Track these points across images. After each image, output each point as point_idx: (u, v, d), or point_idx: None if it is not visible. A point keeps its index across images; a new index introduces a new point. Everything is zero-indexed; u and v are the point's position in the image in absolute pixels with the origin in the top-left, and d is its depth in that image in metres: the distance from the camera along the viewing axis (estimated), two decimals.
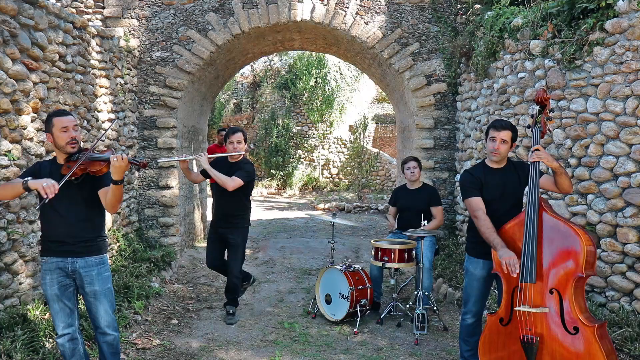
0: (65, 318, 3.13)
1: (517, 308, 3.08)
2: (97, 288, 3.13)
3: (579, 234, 2.97)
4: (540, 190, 3.31)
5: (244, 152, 4.84)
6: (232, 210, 4.88)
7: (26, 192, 3.00)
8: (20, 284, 4.07)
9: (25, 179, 2.94)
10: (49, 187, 2.80)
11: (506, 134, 3.37)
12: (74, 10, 6.84)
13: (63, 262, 3.09)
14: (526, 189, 3.48)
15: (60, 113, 3.12)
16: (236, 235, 4.89)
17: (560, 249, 3.03)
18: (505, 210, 3.37)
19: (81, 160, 2.99)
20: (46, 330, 3.82)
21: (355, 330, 4.67)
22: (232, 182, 4.60)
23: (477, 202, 3.39)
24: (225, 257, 5.08)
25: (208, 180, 4.97)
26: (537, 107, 3.34)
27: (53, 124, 3.06)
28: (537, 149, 3.16)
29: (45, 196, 2.80)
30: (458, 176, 6.91)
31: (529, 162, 3.26)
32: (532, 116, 3.36)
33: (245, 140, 4.86)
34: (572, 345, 2.93)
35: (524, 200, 3.59)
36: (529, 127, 3.41)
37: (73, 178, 3.02)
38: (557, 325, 2.98)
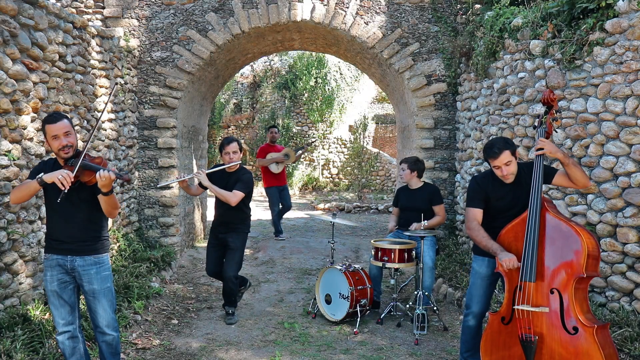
0: (65, 315, 3.16)
1: (516, 307, 3.09)
2: (96, 287, 3.15)
3: (580, 235, 2.97)
4: (549, 187, 3.31)
5: (240, 162, 4.89)
6: (232, 218, 4.92)
7: (43, 188, 3.03)
8: (20, 284, 4.07)
9: (39, 175, 2.96)
10: (64, 177, 2.85)
11: (506, 156, 3.28)
12: (74, 10, 6.85)
13: (63, 259, 3.13)
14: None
15: (51, 120, 3.06)
16: (236, 238, 4.90)
17: (561, 249, 3.03)
18: (513, 217, 3.34)
19: (76, 168, 2.99)
20: (46, 330, 3.82)
21: (355, 330, 4.67)
22: (235, 197, 4.68)
23: (474, 214, 3.41)
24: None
25: None
26: (544, 108, 3.33)
27: (45, 131, 3.08)
28: (541, 140, 3.15)
29: (62, 188, 2.84)
30: (458, 176, 6.92)
31: (533, 155, 3.24)
32: (538, 116, 3.35)
33: (241, 150, 4.91)
34: (572, 345, 2.93)
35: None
36: (534, 127, 3.39)
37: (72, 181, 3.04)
38: (556, 325, 2.99)
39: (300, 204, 13.72)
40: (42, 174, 2.97)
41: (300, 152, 9.30)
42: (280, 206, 8.68)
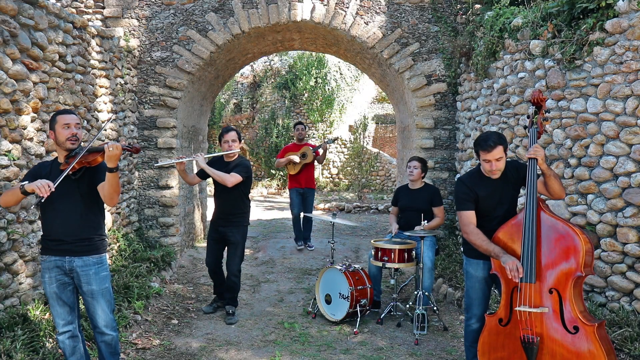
0: (65, 315, 3.17)
1: (517, 308, 3.08)
2: (95, 287, 3.15)
3: (577, 233, 2.98)
4: None
5: (239, 151, 4.93)
6: (231, 209, 4.94)
7: (26, 196, 3.05)
8: (20, 284, 4.07)
9: (22, 183, 3.00)
10: (42, 186, 2.86)
11: (498, 151, 3.26)
12: (74, 10, 6.84)
13: (61, 260, 3.12)
14: (522, 190, 3.47)
15: (64, 112, 3.22)
16: (236, 233, 4.94)
17: (559, 248, 3.03)
18: (501, 216, 3.35)
19: (80, 155, 3.03)
20: (46, 330, 3.82)
21: (355, 330, 4.67)
22: (232, 178, 4.69)
23: (468, 216, 3.36)
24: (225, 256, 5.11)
25: (209, 180, 5.02)
26: (533, 108, 3.34)
27: (56, 121, 3.15)
28: (535, 146, 3.15)
29: (40, 195, 2.83)
30: (458, 176, 6.91)
31: (525, 161, 3.25)
32: (528, 117, 3.36)
33: (240, 139, 4.95)
34: (573, 345, 2.93)
35: (522, 200, 3.58)
36: (525, 127, 3.39)
37: (71, 173, 3.05)
38: (557, 325, 2.98)
39: None
40: (27, 182, 3.00)
41: (318, 150, 7.73)
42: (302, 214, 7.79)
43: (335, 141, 6.48)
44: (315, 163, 7.91)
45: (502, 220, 3.31)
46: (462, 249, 3.78)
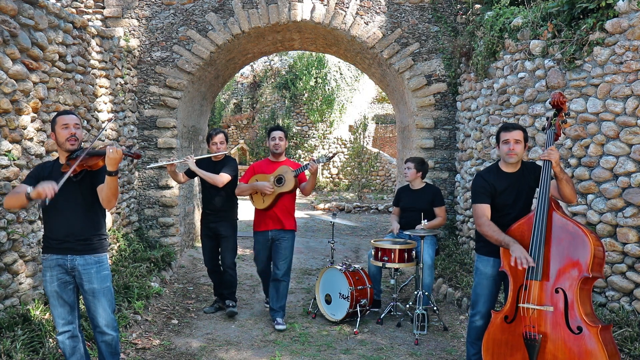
0: (65, 315, 3.17)
1: (521, 305, 3.10)
2: (96, 286, 3.15)
3: (587, 235, 2.99)
4: None
5: (226, 152, 5.08)
6: (220, 205, 5.05)
7: (30, 202, 3.02)
8: (20, 284, 4.07)
9: (27, 190, 2.96)
10: (47, 189, 2.84)
11: (518, 134, 3.36)
12: (74, 10, 6.85)
13: (63, 259, 3.13)
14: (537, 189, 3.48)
15: (64, 112, 3.23)
16: (227, 227, 5.07)
17: (568, 248, 3.04)
18: (516, 213, 3.38)
19: (81, 156, 3.02)
20: (46, 330, 3.82)
21: (355, 330, 4.67)
22: (222, 179, 4.85)
23: (483, 209, 3.39)
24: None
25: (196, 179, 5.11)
26: (553, 110, 3.35)
27: (56, 122, 3.16)
28: (551, 149, 3.18)
29: (44, 198, 2.83)
30: (458, 176, 6.92)
31: (539, 162, 3.26)
32: (547, 118, 3.38)
33: (227, 141, 5.11)
34: (575, 345, 2.93)
35: (535, 200, 3.59)
36: (543, 129, 3.41)
37: (72, 175, 3.05)
38: (560, 324, 2.99)
39: (300, 204, 13.72)
40: (31, 188, 2.96)
41: (304, 171, 4.79)
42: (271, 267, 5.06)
43: (332, 159, 3.90)
44: (298, 192, 5.00)
45: (516, 217, 3.34)
46: (464, 246, 3.79)
